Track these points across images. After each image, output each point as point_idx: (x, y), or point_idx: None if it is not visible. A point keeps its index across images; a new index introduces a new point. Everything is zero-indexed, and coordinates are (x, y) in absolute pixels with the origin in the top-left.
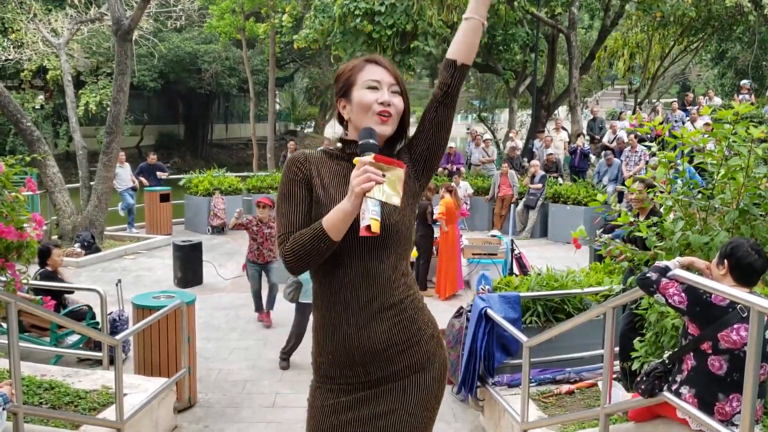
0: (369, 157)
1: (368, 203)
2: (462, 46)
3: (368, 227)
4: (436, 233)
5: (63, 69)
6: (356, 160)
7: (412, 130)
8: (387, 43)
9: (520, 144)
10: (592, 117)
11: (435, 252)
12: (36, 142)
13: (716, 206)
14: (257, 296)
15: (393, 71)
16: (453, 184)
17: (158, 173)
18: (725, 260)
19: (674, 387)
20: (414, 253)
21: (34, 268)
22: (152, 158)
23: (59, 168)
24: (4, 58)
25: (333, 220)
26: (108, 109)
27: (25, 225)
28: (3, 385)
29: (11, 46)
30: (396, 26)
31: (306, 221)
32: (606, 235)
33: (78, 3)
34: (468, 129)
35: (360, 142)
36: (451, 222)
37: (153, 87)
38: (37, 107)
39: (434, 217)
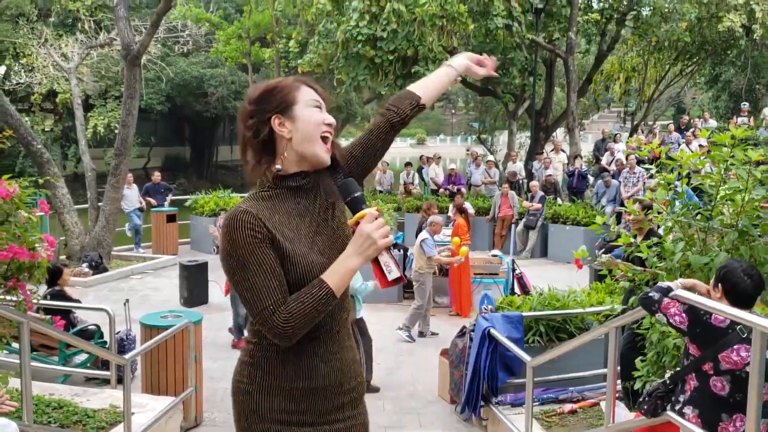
0: (374, 210)
1: (385, 255)
2: (432, 93)
3: (399, 278)
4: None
5: (72, 92)
6: (363, 213)
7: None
8: (389, 68)
9: (520, 165)
10: (601, 138)
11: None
12: (46, 164)
13: (715, 227)
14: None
15: (325, 96)
16: (463, 204)
17: (166, 201)
18: (719, 285)
19: (678, 407)
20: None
21: (41, 288)
22: (156, 176)
23: (67, 189)
24: (15, 81)
25: (342, 280)
26: (116, 131)
27: (36, 245)
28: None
29: (22, 70)
30: (397, 51)
31: (284, 284)
32: (606, 255)
33: (88, 28)
34: (468, 150)
35: (355, 195)
36: (467, 242)
37: (160, 110)
38: (47, 129)
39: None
